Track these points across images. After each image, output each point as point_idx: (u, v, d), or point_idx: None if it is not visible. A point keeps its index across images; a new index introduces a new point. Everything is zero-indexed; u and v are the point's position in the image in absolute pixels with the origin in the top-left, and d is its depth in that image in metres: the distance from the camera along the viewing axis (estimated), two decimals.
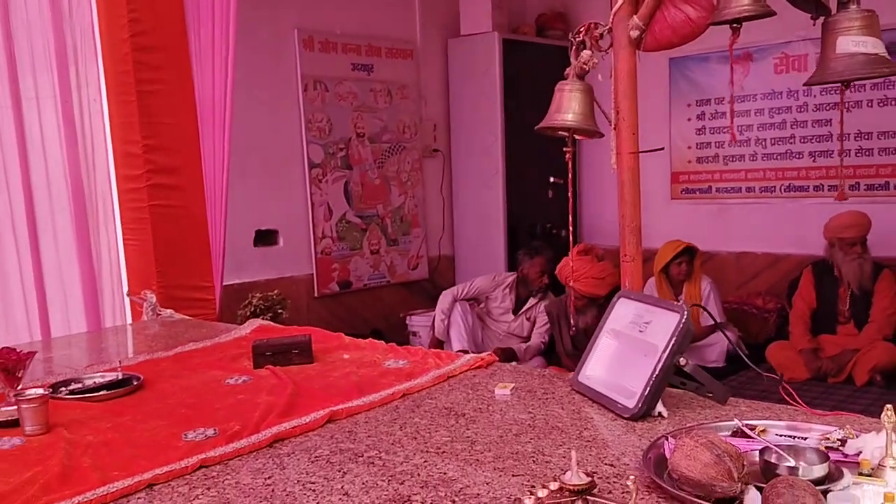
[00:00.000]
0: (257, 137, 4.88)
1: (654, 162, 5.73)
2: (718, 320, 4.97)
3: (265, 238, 5.13)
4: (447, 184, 6.25)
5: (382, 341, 2.54)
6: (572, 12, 6.48)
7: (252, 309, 4.48)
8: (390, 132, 5.75)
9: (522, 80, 5.95)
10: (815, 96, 5.53)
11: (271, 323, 2.98)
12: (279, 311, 4.54)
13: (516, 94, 5.95)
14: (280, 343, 2.34)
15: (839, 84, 1.76)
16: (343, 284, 5.49)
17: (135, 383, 2.05)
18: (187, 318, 3.22)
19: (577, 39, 2.04)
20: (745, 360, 1.93)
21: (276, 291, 4.65)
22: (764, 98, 5.80)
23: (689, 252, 5.18)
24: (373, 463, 1.48)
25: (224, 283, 3.79)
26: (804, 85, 2.11)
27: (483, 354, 2.23)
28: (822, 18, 1.77)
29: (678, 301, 4.84)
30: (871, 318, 4.87)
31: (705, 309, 2.34)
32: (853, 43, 1.69)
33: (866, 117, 5.32)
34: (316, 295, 5.33)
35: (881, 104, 5.31)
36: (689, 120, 6.16)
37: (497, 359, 2.23)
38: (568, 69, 2.08)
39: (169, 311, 3.19)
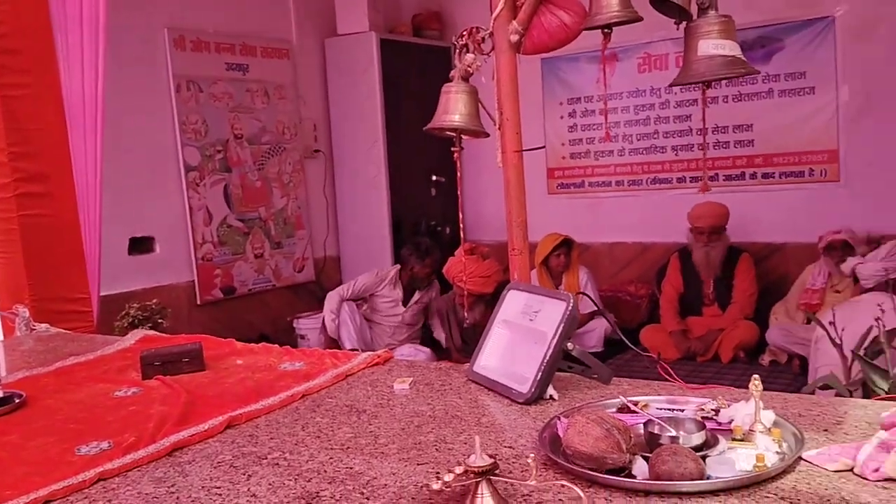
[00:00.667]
0: (129, 141, 4.70)
1: (531, 159, 5.89)
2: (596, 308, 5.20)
3: (140, 245, 4.96)
4: (330, 184, 6.23)
5: (276, 345, 2.53)
6: (447, 12, 6.59)
7: (130, 320, 4.32)
8: (269, 133, 5.67)
9: (402, 79, 6.01)
10: (676, 94, 5.88)
11: (156, 332, 2.90)
12: (159, 320, 4.40)
13: (396, 93, 6.00)
14: (169, 352, 2.28)
15: (700, 84, 1.91)
16: (226, 290, 5.38)
17: (17, 401, 1.96)
18: (64, 331, 3.08)
19: (461, 43, 2.11)
20: (626, 342, 2.07)
21: (154, 301, 4.50)
22: (629, 96, 6.10)
23: (566, 244, 5.40)
24: (277, 464, 1.49)
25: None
26: (669, 86, 2.27)
27: (379, 352, 2.26)
28: (684, 23, 1.91)
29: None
30: (733, 299, 5.25)
31: (588, 296, 2.47)
32: (713, 46, 1.84)
33: (722, 112, 5.70)
34: (198, 302, 5.20)
35: (735, 100, 5.71)
36: (561, 118, 6.40)
37: (392, 355, 2.27)
38: (453, 71, 2.14)
39: (44, 325, 3.04)
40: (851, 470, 1.28)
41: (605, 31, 1.91)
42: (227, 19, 5.40)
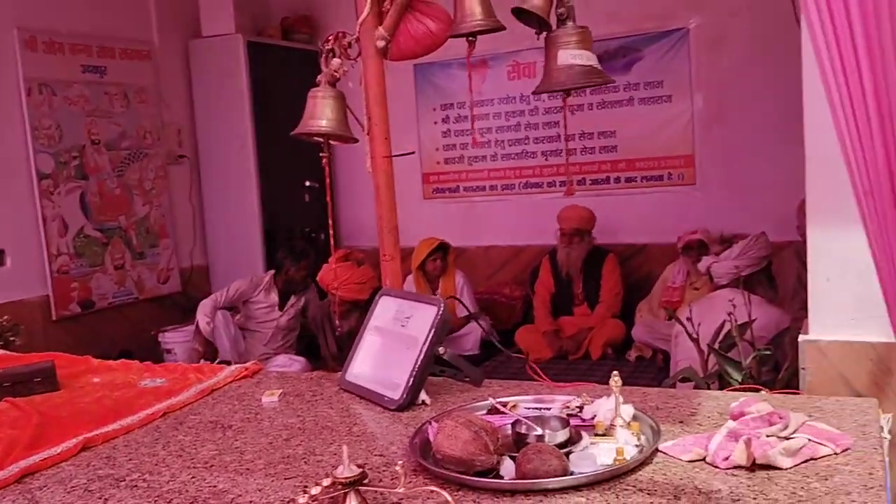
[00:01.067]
0: None
1: (406, 164, 5.88)
2: (472, 311, 5.29)
3: None
4: (196, 191, 6.01)
5: (137, 361, 2.42)
6: (317, 16, 6.51)
7: None
8: (129, 138, 5.41)
9: (271, 83, 5.89)
10: (544, 101, 6.04)
11: (7, 351, 2.71)
12: (11, 338, 4.11)
13: (266, 97, 5.87)
14: (19, 372, 2.15)
15: (561, 92, 1.97)
16: (85, 304, 5.09)
17: None
18: None
19: (327, 48, 2.09)
20: (497, 345, 2.10)
21: (5, 317, 4.20)
22: (500, 102, 6.23)
23: (442, 248, 5.45)
24: (136, 486, 1.42)
25: None
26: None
27: (248, 364, 2.21)
28: (545, 33, 1.97)
29: (435, 295, 5.04)
30: (601, 298, 5.45)
31: (461, 301, 2.51)
32: (571, 56, 1.90)
33: (588, 119, 5.91)
34: (54, 318, 4.89)
35: (599, 107, 5.93)
36: (435, 123, 6.45)
37: (262, 367, 2.22)
38: (320, 76, 2.12)
39: None
40: (704, 459, 1.35)
41: (470, 39, 1.94)
42: (83, 19, 5.11)
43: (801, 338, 2.46)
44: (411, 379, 1.70)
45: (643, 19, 5.66)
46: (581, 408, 1.57)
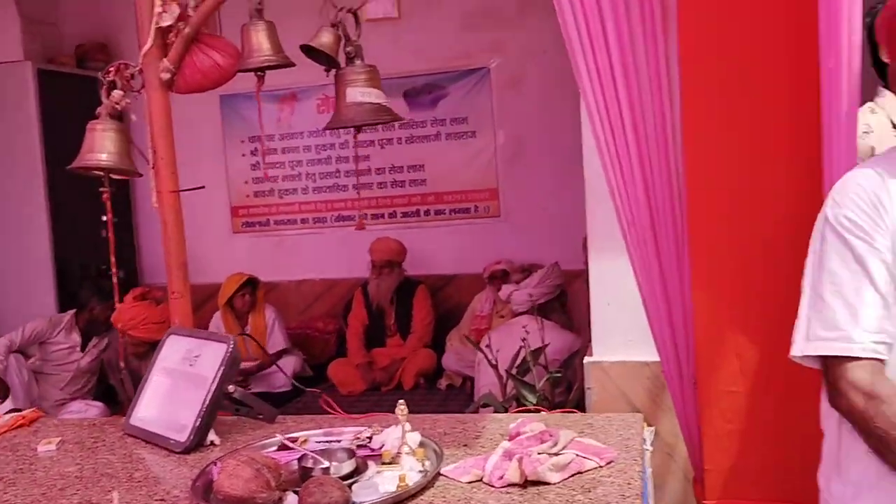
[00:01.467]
0: None
1: (213, 197, 5.73)
2: (284, 347, 5.21)
3: None
4: None
5: None
6: (113, 44, 6.21)
7: None
8: None
9: (64, 112, 5.53)
10: (354, 134, 6.10)
11: None
12: None
13: (59, 127, 5.51)
14: None
15: (352, 128, 2.02)
16: None
17: None
18: None
19: (108, 79, 2.02)
20: (295, 383, 2.10)
21: None
22: (310, 135, 6.22)
23: (251, 283, 5.32)
24: None
25: None
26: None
27: (26, 412, 2.06)
28: (334, 70, 2.02)
29: (245, 332, 4.91)
30: (413, 329, 5.55)
31: (255, 340, 2.48)
32: (360, 94, 1.96)
33: (397, 153, 6.04)
34: None
35: (409, 141, 6.08)
36: (243, 156, 6.33)
37: (42, 414, 2.07)
38: (100, 108, 2.04)
39: None
40: (482, 479, 1.42)
41: (259, 74, 1.95)
42: None
43: (585, 359, 2.65)
44: (199, 420, 1.66)
45: (448, 58, 5.88)
46: (371, 438, 1.60)
